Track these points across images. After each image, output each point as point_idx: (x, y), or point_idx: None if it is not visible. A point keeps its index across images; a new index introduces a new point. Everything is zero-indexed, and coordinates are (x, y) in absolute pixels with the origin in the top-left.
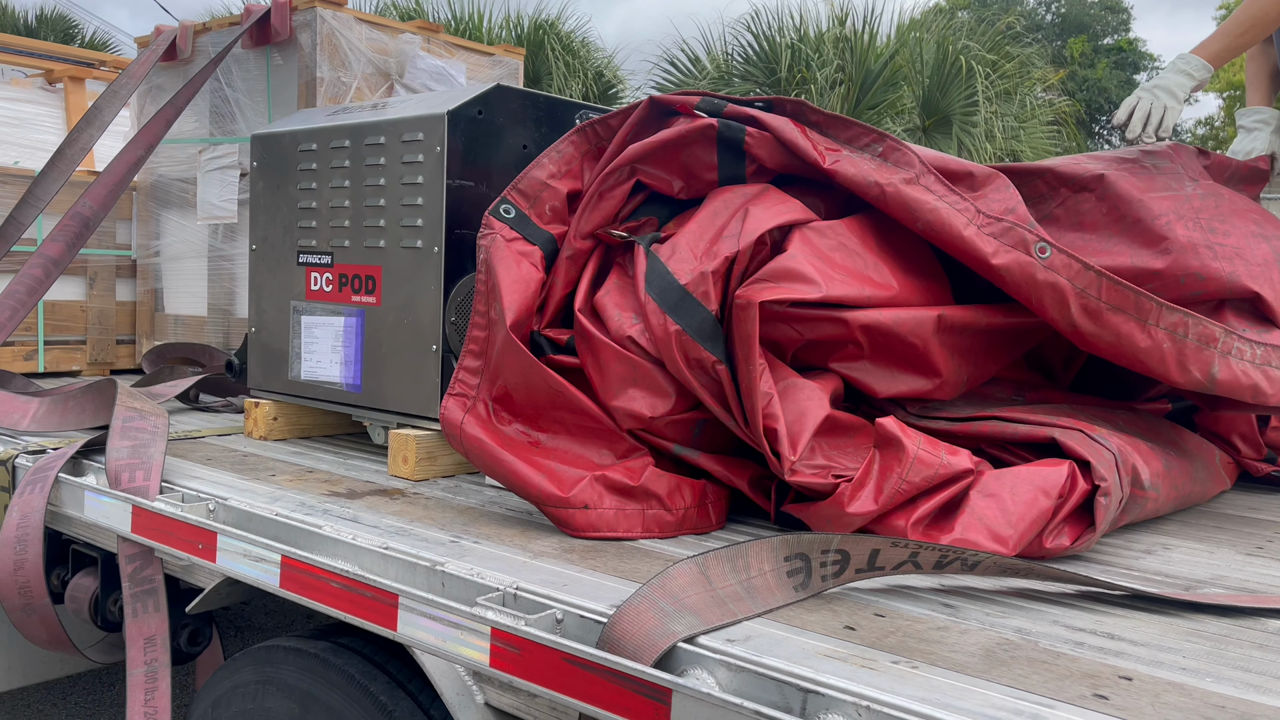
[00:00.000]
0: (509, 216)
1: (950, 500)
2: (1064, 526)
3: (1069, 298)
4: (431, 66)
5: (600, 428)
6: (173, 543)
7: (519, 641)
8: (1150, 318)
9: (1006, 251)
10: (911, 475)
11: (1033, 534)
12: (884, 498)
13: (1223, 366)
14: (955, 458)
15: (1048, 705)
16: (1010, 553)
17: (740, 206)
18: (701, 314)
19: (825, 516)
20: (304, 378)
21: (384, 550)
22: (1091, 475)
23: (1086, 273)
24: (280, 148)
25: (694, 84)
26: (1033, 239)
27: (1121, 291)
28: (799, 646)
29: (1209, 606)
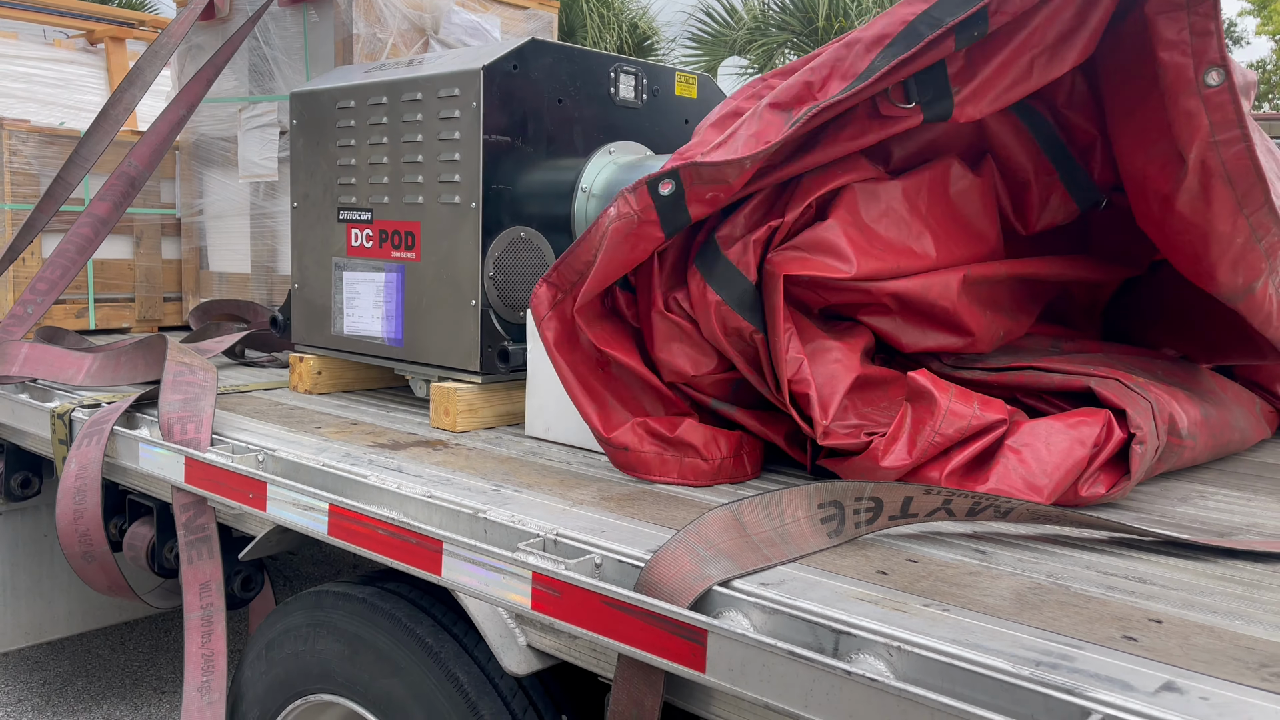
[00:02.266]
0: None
1: (984, 451)
2: (1099, 475)
3: (1196, 138)
4: (466, 21)
5: (650, 385)
6: (224, 492)
7: (559, 585)
8: (1247, 207)
9: (1182, 54)
10: (944, 427)
11: (1068, 483)
12: (917, 451)
13: (1261, 284)
14: (988, 409)
15: (1076, 646)
16: (1045, 501)
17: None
18: (742, 284)
19: (860, 471)
20: (346, 332)
21: (428, 499)
22: (1127, 424)
23: (1231, 128)
24: (319, 105)
25: (729, 35)
26: (1215, 60)
27: (1247, 168)
28: (832, 590)
29: (1243, 552)
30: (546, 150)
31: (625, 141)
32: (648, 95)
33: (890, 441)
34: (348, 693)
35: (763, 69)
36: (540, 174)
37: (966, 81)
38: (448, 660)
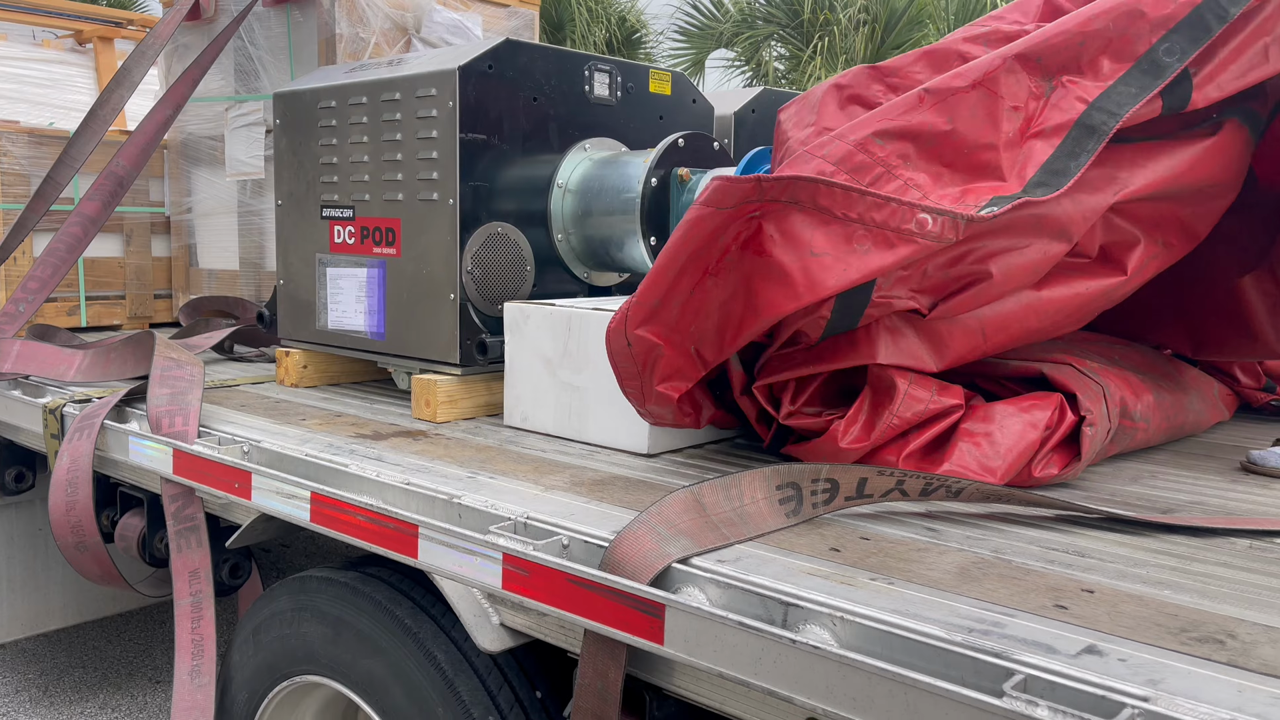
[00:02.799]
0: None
1: (941, 434)
2: (1052, 456)
3: None
4: (448, 20)
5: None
6: (211, 482)
7: (528, 565)
8: None
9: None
10: (902, 410)
11: (1021, 464)
12: (876, 433)
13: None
14: (945, 394)
15: (1009, 615)
16: (999, 482)
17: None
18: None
19: (820, 453)
20: (331, 327)
21: (405, 485)
22: (1079, 407)
23: None
24: (301, 106)
25: (716, 27)
26: None
27: None
28: (785, 566)
29: (1182, 528)
30: (522, 147)
31: (600, 138)
32: (622, 92)
33: (849, 424)
34: (331, 673)
35: (749, 61)
36: (516, 170)
37: (1203, 64)
38: (426, 640)
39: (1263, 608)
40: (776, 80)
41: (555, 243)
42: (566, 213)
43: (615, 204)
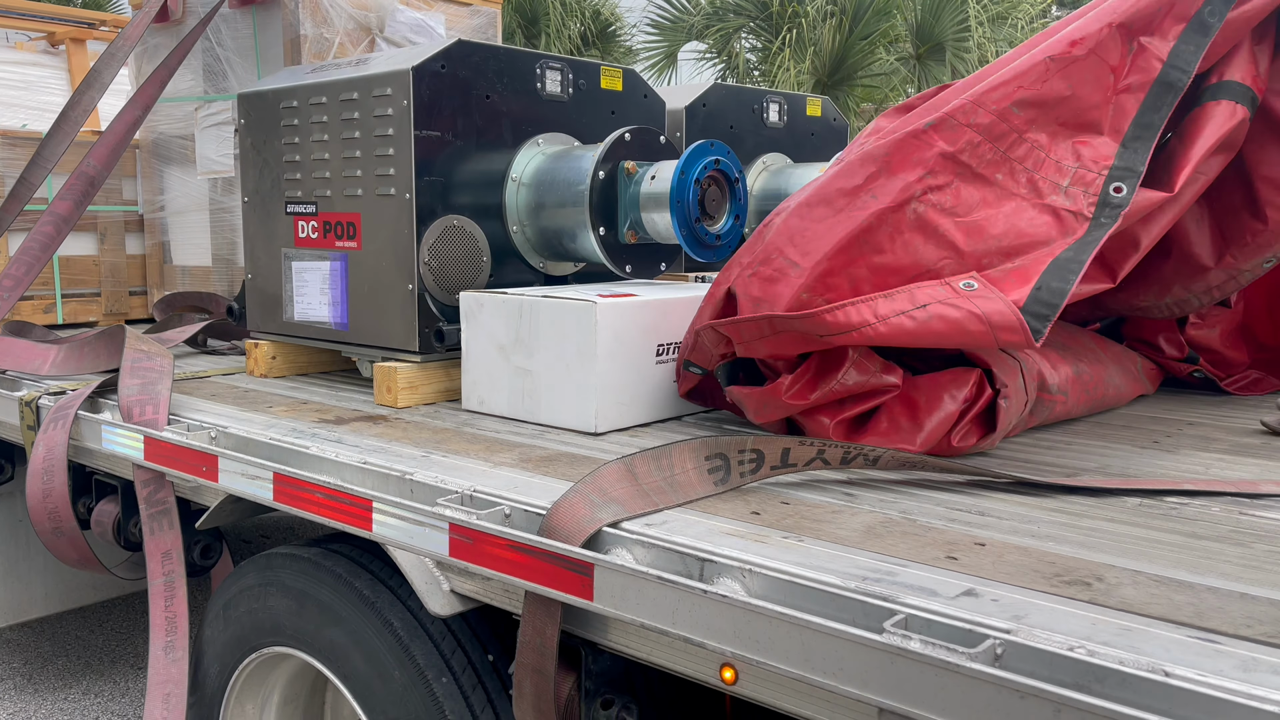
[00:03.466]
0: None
1: (874, 408)
2: (970, 427)
3: None
4: (411, 19)
5: None
6: (181, 467)
7: (472, 534)
8: None
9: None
10: (846, 379)
11: (941, 434)
12: (817, 394)
13: None
14: (888, 373)
15: (903, 565)
16: (919, 451)
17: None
18: None
19: (762, 401)
20: (297, 319)
21: (362, 465)
22: (995, 381)
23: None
24: (265, 106)
25: (687, 20)
26: None
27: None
28: (707, 528)
29: (1082, 489)
30: (476, 143)
31: (553, 133)
32: (573, 89)
33: (795, 380)
34: (296, 643)
35: (720, 53)
36: (471, 165)
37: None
38: (383, 608)
39: (1134, 556)
40: (748, 71)
41: (511, 234)
42: (521, 205)
43: (566, 196)
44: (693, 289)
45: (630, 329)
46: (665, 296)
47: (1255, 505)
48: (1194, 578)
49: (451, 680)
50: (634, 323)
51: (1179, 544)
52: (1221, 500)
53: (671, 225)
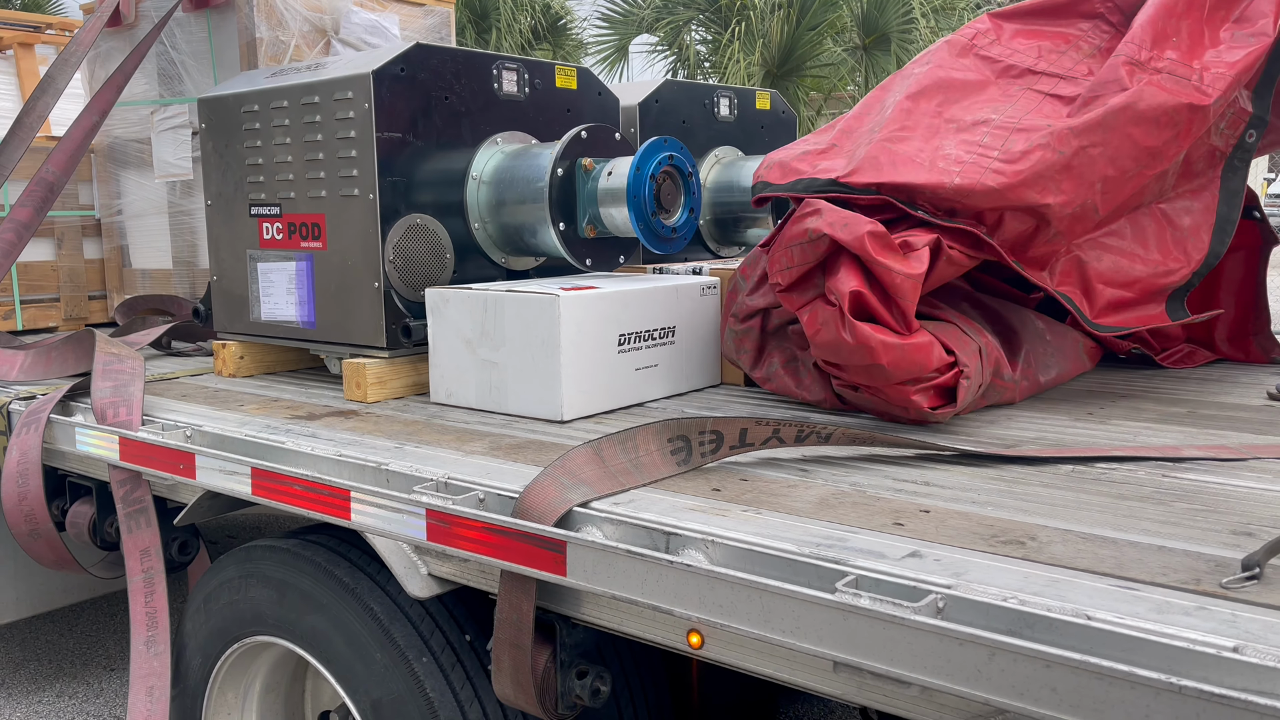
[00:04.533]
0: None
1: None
2: (931, 391)
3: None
4: (365, 20)
5: None
6: (157, 466)
7: (448, 518)
8: None
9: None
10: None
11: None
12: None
13: None
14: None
15: (853, 532)
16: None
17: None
18: None
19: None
20: (264, 319)
21: (338, 457)
22: (958, 362)
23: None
24: (225, 110)
25: (638, 13)
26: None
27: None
28: (670, 504)
29: (1020, 459)
30: (437, 143)
31: (511, 132)
32: (530, 88)
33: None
34: (278, 632)
35: (671, 46)
36: (432, 165)
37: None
38: (363, 594)
39: (1064, 518)
40: (699, 64)
41: (473, 231)
42: (482, 203)
43: (526, 193)
44: (651, 280)
45: (592, 320)
46: (625, 288)
47: (1177, 469)
48: (1117, 534)
49: (431, 659)
50: (596, 314)
51: (1105, 505)
52: (1147, 465)
53: (629, 219)
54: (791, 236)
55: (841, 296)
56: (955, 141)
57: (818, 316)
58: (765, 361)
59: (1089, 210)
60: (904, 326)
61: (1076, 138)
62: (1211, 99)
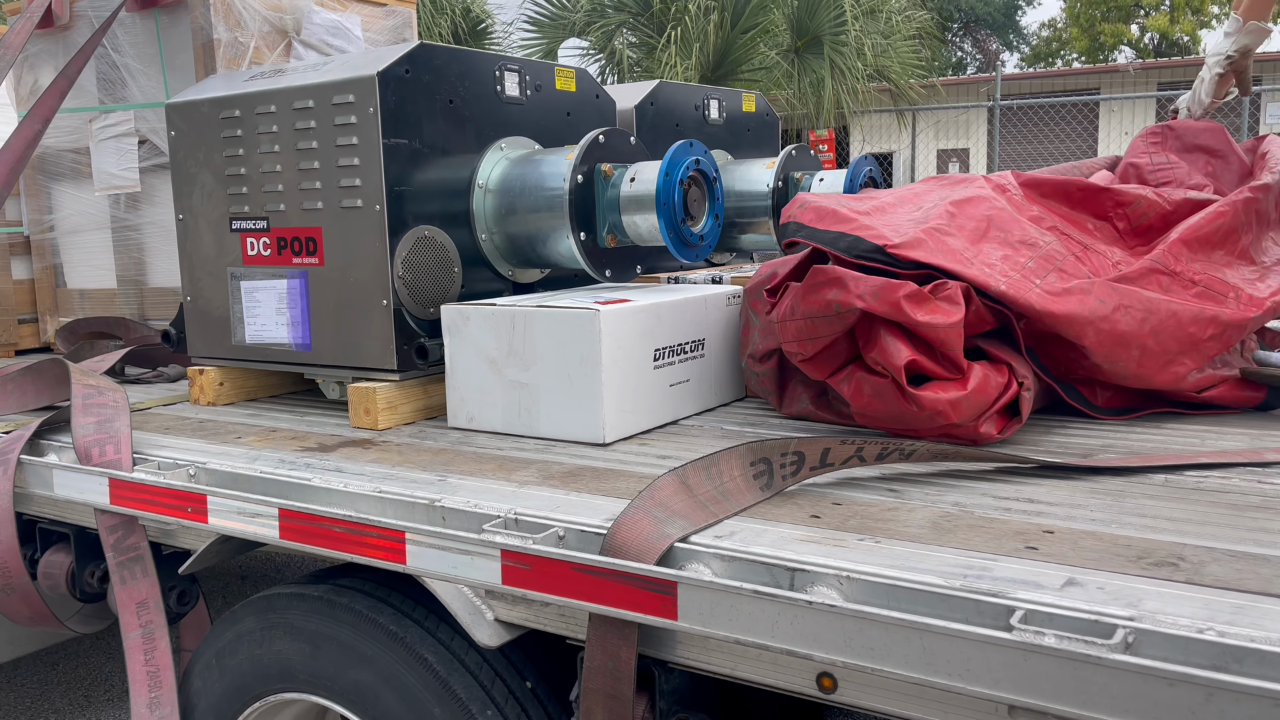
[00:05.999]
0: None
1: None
2: (994, 416)
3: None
4: (327, 20)
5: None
6: (158, 509)
7: (529, 559)
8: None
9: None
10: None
11: (977, 414)
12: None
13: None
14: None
15: (991, 559)
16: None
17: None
18: None
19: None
20: (249, 342)
21: (379, 494)
22: (1017, 375)
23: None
24: (199, 116)
25: (568, 17)
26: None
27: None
28: (777, 535)
29: (1105, 469)
30: (442, 149)
31: (514, 137)
32: (531, 91)
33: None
34: (311, 688)
35: (602, 50)
36: (438, 173)
37: None
38: (414, 644)
39: (1198, 535)
40: (630, 69)
41: (479, 242)
42: (489, 212)
43: (541, 201)
44: (679, 291)
45: (630, 335)
46: (658, 300)
47: (1269, 474)
48: (1262, 549)
49: (496, 712)
50: (634, 329)
51: (1229, 519)
52: (1235, 471)
53: (657, 227)
54: (812, 308)
55: (895, 370)
56: (1001, 254)
57: (863, 388)
58: (792, 399)
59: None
60: (957, 372)
61: (1118, 295)
62: (1250, 316)
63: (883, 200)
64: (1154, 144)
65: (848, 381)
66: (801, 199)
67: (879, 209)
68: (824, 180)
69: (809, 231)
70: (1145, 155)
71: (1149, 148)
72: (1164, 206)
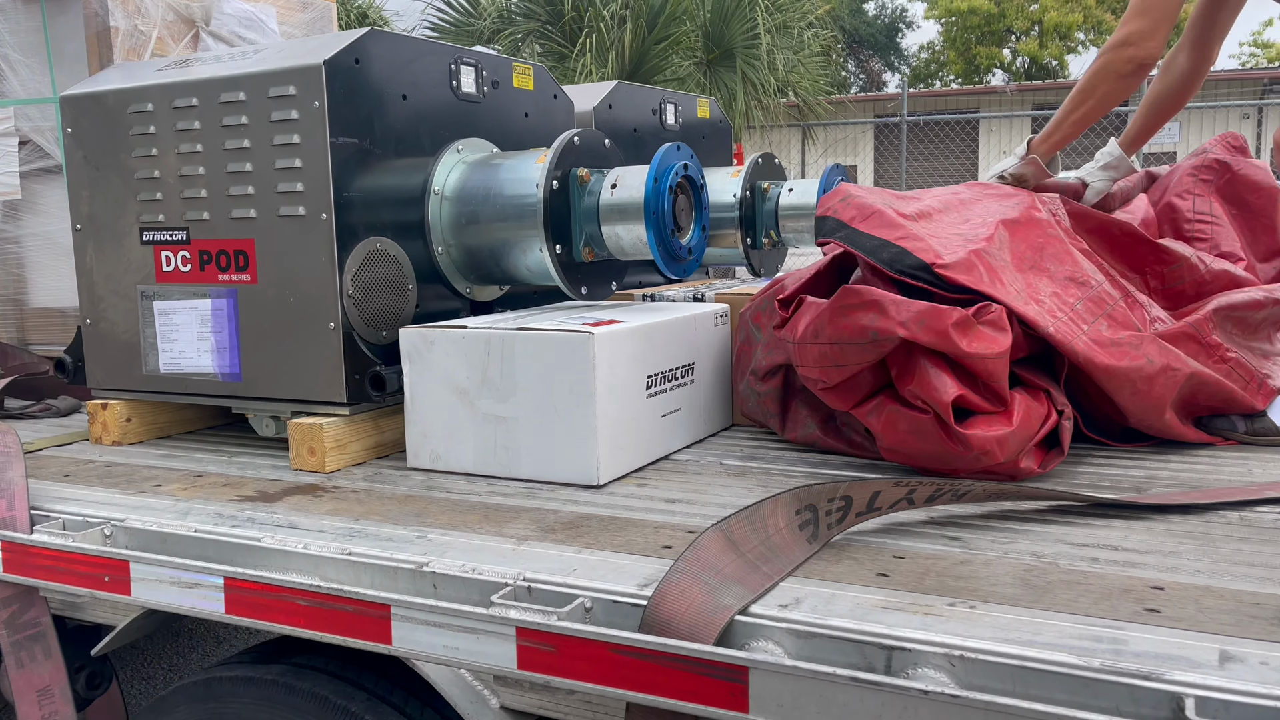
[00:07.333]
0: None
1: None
2: (1033, 450)
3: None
4: (239, 11)
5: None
6: (66, 579)
7: (554, 639)
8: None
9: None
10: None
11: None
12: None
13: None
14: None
15: (1115, 626)
16: (1004, 456)
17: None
18: None
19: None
20: (165, 370)
21: (347, 556)
22: (1056, 403)
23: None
24: (103, 110)
25: (474, 24)
26: None
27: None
28: (851, 601)
29: (1168, 507)
30: (395, 151)
31: (471, 138)
32: (488, 88)
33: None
34: None
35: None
36: (391, 177)
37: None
38: None
39: None
40: None
41: (435, 256)
42: (445, 222)
43: (508, 209)
44: (666, 310)
45: (623, 361)
46: (650, 321)
47: None
48: None
49: None
50: (627, 353)
51: None
52: None
53: (641, 239)
54: (842, 333)
55: (941, 407)
56: (1051, 290)
57: (897, 423)
58: (796, 422)
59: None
60: (1000, 403)
61: (1166, 356)
62: (1260, 408)
63: (928, 204)
64: (1204, 183)
65: (877, 415)
66: (845, 191)
67: (924, 214)
68: (793, 190)
69: (849, 234)
70: (1189, 198)
71: (1196, 187)
72: (1202, 274)
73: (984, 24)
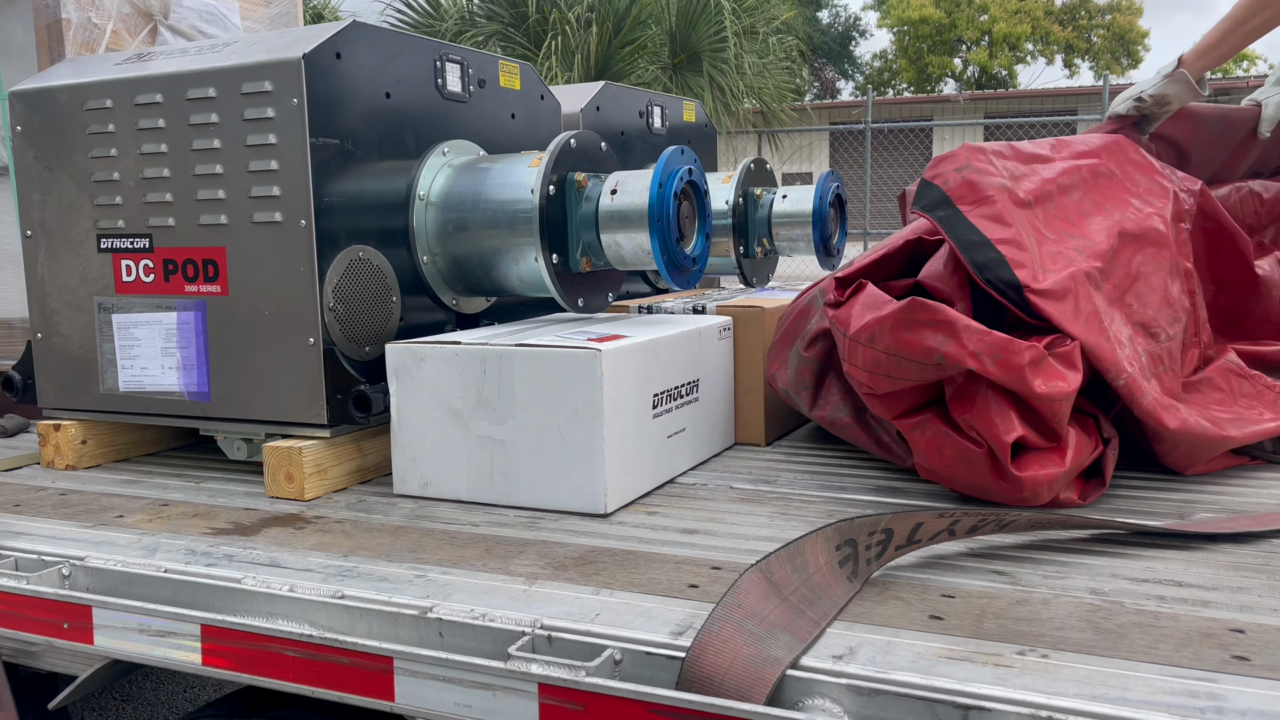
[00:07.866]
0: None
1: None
2: (1076, 482)
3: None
4: (200, 5)
5: None
6: (20, 625)
7: (581, 696)
8: None
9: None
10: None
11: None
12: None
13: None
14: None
15: (1208, 678)
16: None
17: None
18: None
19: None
20: (125, 389)
21: (339, 600)
22: (1103, 430)
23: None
24: (56, 108)
25: (435, 26)
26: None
27: None
28: (910, 650)
29: (1223, 535)
30: (378, 153)
31: (457, 140)
32: (474, 87)
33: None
34: None
35: None
36: (373, 181)
37: None
38: None
39: None
40: None
41: (420, 265)
42: (431, 229)
43: (500, 216)
44: (667, 324)
45: (630, 379)
46: (656, 336)
47: None
48: None
49: None
50: (634, 371)
51: None
52: None
53: (643, 248)
54: (904, 348)
55: (1000, 446)
56: (1129, 333)
57: (943, 447)
58: (827, 402)
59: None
60: (1055, 440)
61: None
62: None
63: (1055, 175)
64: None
65: (922, 432)
66: (966, 157)
67: (1043, 196)
68: (787, 197)
69: (951, 215)
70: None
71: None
72: (1273, 311)
73: (935, 34)
